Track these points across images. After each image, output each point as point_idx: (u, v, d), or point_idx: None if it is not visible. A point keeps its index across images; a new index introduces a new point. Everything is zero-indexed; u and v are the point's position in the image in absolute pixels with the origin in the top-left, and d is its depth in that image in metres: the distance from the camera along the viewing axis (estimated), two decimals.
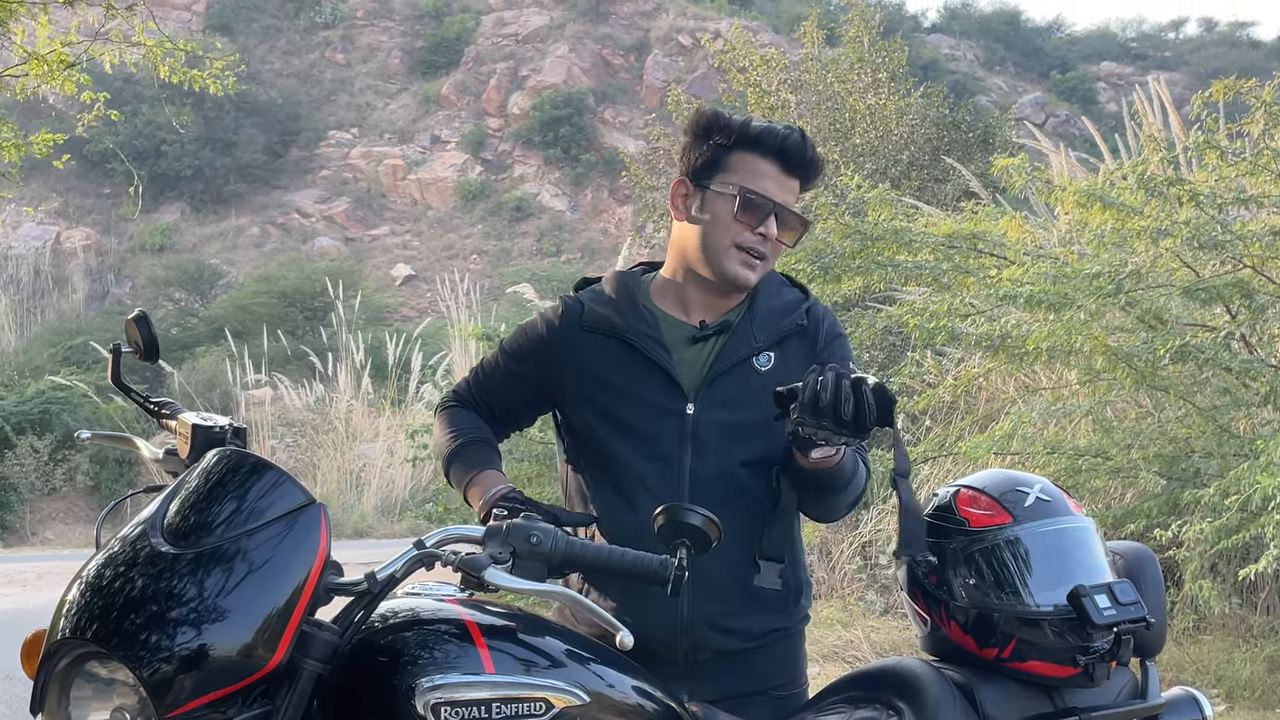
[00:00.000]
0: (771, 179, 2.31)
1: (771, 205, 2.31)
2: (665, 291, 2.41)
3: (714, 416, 2.29)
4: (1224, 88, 6.48)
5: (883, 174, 11.64)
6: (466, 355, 15.07)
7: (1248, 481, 4.99)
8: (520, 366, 2.43)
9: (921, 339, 6.59)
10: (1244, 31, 46.07)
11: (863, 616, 7.61)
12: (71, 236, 31.54)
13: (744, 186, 2.30)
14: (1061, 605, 2.18)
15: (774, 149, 2.31)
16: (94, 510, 16.53)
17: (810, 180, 2.38)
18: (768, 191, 2.31)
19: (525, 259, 31.77)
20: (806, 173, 2.36)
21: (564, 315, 2.40)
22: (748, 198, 2.30)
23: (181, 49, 8.91)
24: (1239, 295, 5.87)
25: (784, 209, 2.32)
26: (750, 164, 2.32)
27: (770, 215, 2.31)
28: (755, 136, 2.32)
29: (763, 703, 2.32)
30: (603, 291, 2.42)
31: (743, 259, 2.32)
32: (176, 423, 2.31)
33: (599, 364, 2.32)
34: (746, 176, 2.31)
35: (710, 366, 2.32)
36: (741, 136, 2.32)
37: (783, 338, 2.37)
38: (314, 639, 1.77)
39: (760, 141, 2.32)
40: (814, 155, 2.35)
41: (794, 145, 2.32)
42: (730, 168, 2.32)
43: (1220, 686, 5.95)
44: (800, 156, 2.33)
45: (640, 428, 2.29)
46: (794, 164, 2.33)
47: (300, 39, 39.40)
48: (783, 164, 2.32)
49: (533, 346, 2.42)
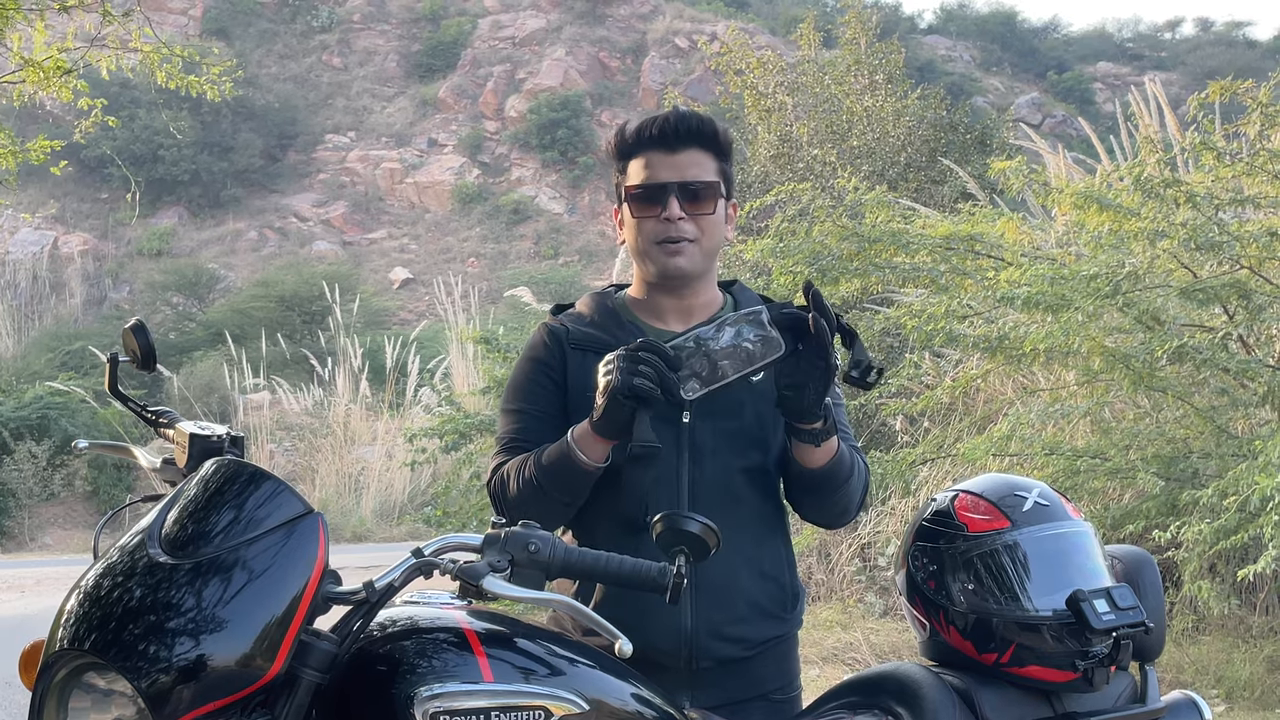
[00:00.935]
0: (656, 165, 2.32)
1: (658, 187, 2.31)
2: (639, 306, 2.42)
3: (710, 425, 2.29)
4: (1220, 88, 6.49)
5: (880, 176, 11.64)
6: (464, 359, 15.07)
7: (1246, 482, 5.00)
8: (541, 405, 2.37)
9: (919, 341, 6.60)
10: (1240, 31, 46.13)
11: (862, 618, 7.61)
12: (69, 242, 31.51)
13: (628, 186, 2.35)
14: (1060, 610, 2.18)
15: (648, 141, 2.34)
16: (92, 515, 16.51)
17: (704, 141, 2.34)
18: (655, 177, 2.32)
19: (523, 262, 31.76)
20: (694, 138, 2.33)
21: (551, 338, 2.40)
22: (633, 194, 2.34)
23: (178, 54, 8.93)
24: (1236, 296, 5.88)
25: (674, 184, 2.31)
26: (636, 165, 2.35)
27: (666, 198, 2.31)
28: (629, 140, 2.36)
29: (761, 707, 2.33)
30: (581, 313, 2.43)
31: (663, 250, 2.33)
32: (174, 432, 2.31)
33: (591, 381, 2.30)
34: (636, 175, 2.35)
35: None
36: (621, 147, 2.38)
37: None
38: (312, 648, 1.77)
39: (636, 141, 2.35)
40: (693, 120, 2.34)
41: (663, 125, 2.33)
42: (627, 173, 2.37)
43: (1220, 687, 5.95)
44: (676, 128, 2.32)
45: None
46: (673, 139, 2.32)
47: (297, 43, 39.38)
48: (662, 147, 2.32)
49: (537, 387, 2.38)
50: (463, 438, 8.82)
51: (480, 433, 8.73)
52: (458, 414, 9.31)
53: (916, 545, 2.35)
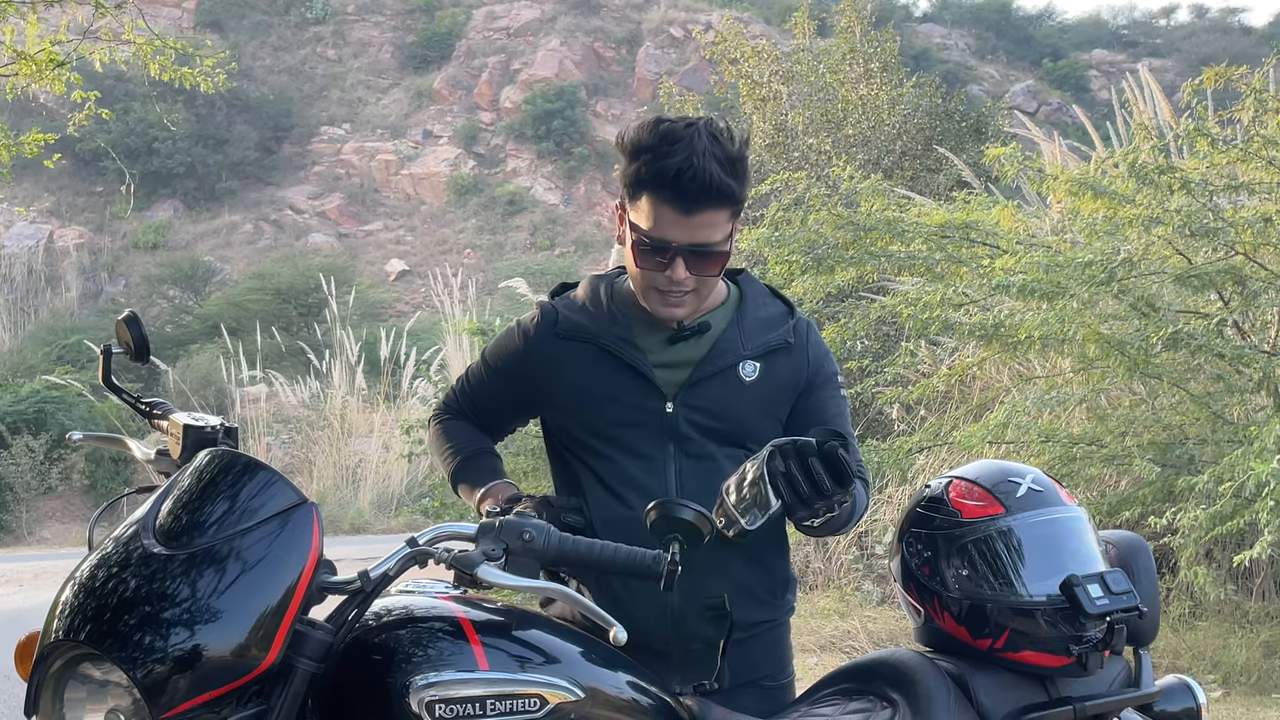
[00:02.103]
0: (670, 222, 2.14)
1: (670, 249, 2.16)
2: (636, 302, 2.34)
3: (693, 417, 2.29)
4: (1214, 75, 6.49)
5: (875, 164, 11.63)
6: (460, 350, 15.08)
7: (1241, 468, 5.01)
8: (502, 380, 2.44)
9: (915, 329, 6.61)
10: (1235, 18, 46.17)
11: (859, 607, 7.62)
12: (64, 235, 31.48)
13: (640, 230, 2.17)
14: (1054, 595, 2.18)
15: (668, 190, 2.11)
16: (90, 509, 16.52)
17: (722, 200, 2.13)
18: (664, 235, 2.15)
19: (519, 253, 31.75)
20: (713, 200, 2.12)
21: (540, 324, 2.38)
22: (643, 243, 2.18)
23: (172, 47, 8.91)
24: (1231, 282, 5.89)
25: (684, 248, 2.15)
26: (649, 205, 2.15)
27: (672, 259, 2.16)
28: (647, 178, 2.13)
29: (753, 693, 2.33)
30: (577, 298, 2.40)
31: (662, 300, 2.23)
32: (168, 423, 2.31)
33: (576, 371, 2.30)
34: (645, 217, 2.16)
35: (696, 367, 2.30)
36: (634, 178, 2.15)
37: (769, 351, 2.33)
38: (308, 638, 1.77)
39: (654, 183, 2.12)
40: (715, 184, 2.10)
41: (689, 181, 2.09)
42: (637, 204, 2.18)
43: (1216, 672, 5.97)
44: (700, 189, 2.10)
45: (621, 429, 2.29)
46: (694, 200, 2.11)
47: (291, 35, 39.32)
48: (681, 206, 2.12)
49: (512, 359, 2.41)
50: None
51: None
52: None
53: (911, 532, 2.35)
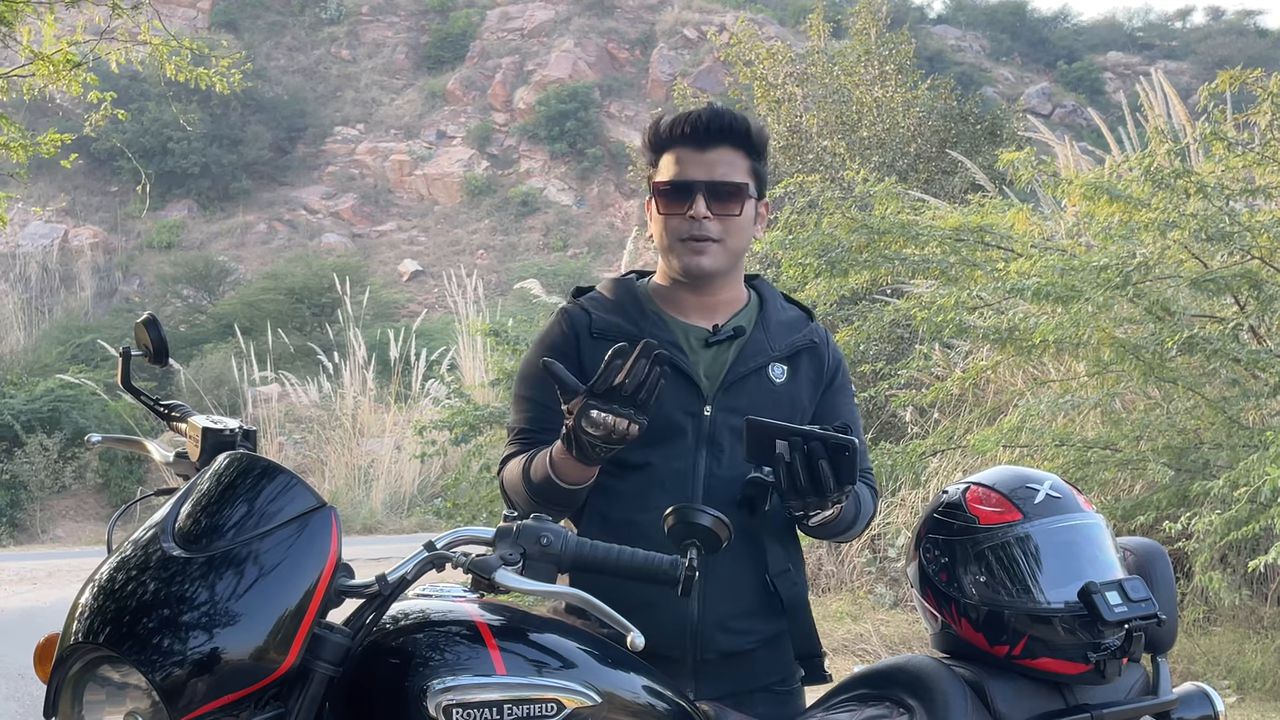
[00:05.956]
0: (685, 162, 2.31)
1: (686, 185, 2.30)
2: (663, 296, 2.40)
3: (729, 420, 2.29)
4: (1230, 78, 6.46)
5: (890, 167, 11.62)
6: (473, 351, 15.08)
7: (1257, 473, 4.99)
8: (551, 396, 2.22)
9: (929, 332, 6.60)
10: (1251, 20, 46.04)
11: (872, 610, 7.60)
12: (79, 235, 31.56)
13: (657, 181, 2.34)
14: (1072, 602, 2.18)
15: (680, 137, 2.32)
16: (104, 508, 16.57)
17: (736, 140, 2.32)
18: (681, 175, 2.31)
19: (532, 254, 31.74)
20: (726, 136, 2.31)
21: (572, 324, 2.36)
22: (661, 189, 2.33)
23: (187, 47, 8.92)
24: (1247, 286, 5.87)
25: (701, 183, 2.29)
26: (667, 160, 2.34)
27: (693, 196, 2.29)
28: (662, 134, 2.35)
29: (763, 698, 2.33)
30: (605, 297, 2.41)
31: (687, 248, 2.31)
32: (187, 426, 2.32)
33: None
34: (666, 170, 2.33)
35: (728, 370, 2.32)
36: (654, 141, 2.36)
37: (795, 353, 2.38)
38: (325, 641, 1.77)
39: (669, 136, 2.34)
40: (726, 118, 2.31)
41: (694, 122, 2.31)
42: (659, 167, 2.36)
43: (1231, 678, 5.94)
44: (709, 125, 2.30)
45: (658, 429, 2.22)
46: (706, 137, 2.31)
47: (306, 35, 39.39)
48: (694, 144, 2.31)
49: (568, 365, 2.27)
50: (472, 430, 8.83)
51: (490, 425, 8.75)
52: (467, 406, 9.33)
53: (928, 538, 2.35)
